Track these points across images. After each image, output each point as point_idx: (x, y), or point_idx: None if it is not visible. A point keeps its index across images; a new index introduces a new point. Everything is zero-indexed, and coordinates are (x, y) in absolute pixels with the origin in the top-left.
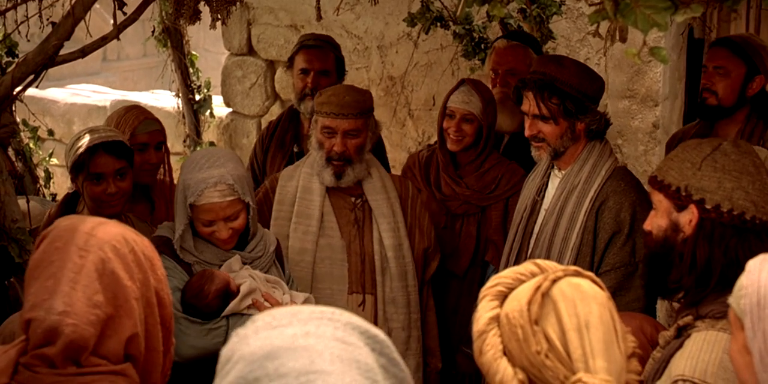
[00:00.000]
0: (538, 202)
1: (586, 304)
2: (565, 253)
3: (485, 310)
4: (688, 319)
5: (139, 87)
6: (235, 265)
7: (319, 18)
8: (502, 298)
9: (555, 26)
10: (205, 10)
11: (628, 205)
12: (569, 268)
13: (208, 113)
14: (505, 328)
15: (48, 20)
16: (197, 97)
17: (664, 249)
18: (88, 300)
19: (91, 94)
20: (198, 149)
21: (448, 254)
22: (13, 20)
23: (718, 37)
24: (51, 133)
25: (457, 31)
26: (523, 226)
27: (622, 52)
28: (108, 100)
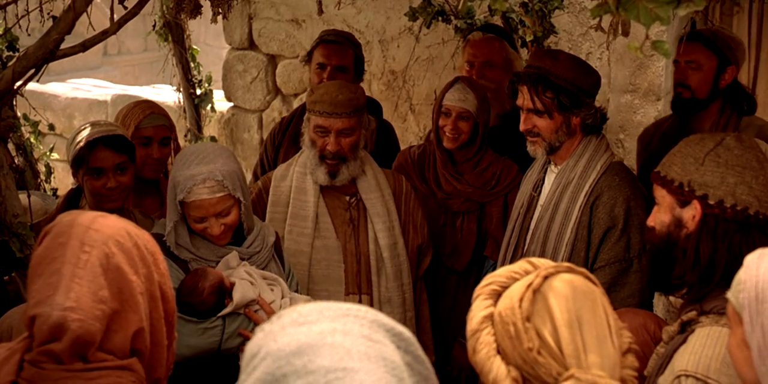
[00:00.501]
0: (535, 198)
1: (578, 300)
2: (560, 249)
3: (479, 309)
4: (692, 314)
5: (140, 81)
6: (232, 261)
7: (321, 12)
8: (496, 296)
9: (557, 20)
10: (206, 4)
11: (623, 200)
12: (561, 265)
13: (209, 108)
14: (498, 327)
15: (49, 14)
16: (198, 92)
17: (667, 245)
18: (94, 295)
19: (92, 88)
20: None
21: (449, 251)
22: (13, 14)
23: (692, 32)
24: (52, 127)
25: (458, 25)
26: (521, 222)
27: (625, 47)
28: (109, 94)
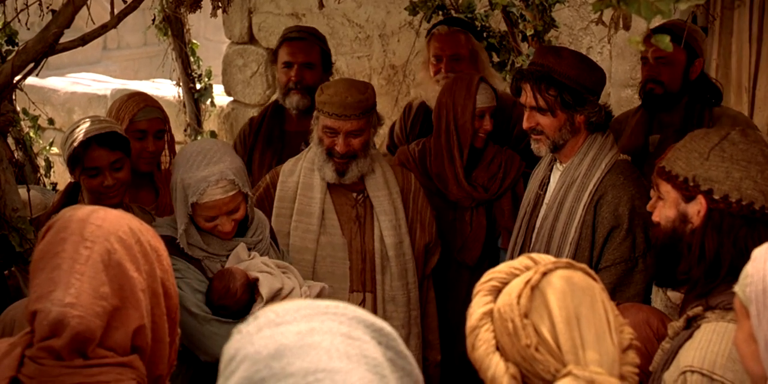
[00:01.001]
0: (541, 196)
1: (576, 296)
2: (564, 248)
3: (478, 305)
4: (698, 309)
5: (140, 76)
6: (242, 254)
7: (321, 6)
8: (496, 293)
9: (557, 15)
10: None
11: (627, 199)
12: (561, 261)
13: (209, 102)
14: (497, 323)
15: (48, 8)
16: (198, 86)
17: (673, 240)
18: (95, 291)
19: (92, 82)
20: (191, 142)
21: (460, 245)
22: (12, 8)
23: (657, 27)
24: (51, 122)
25: None
26: (527, 220)
27: (625, 41)
28: (108, 88)
